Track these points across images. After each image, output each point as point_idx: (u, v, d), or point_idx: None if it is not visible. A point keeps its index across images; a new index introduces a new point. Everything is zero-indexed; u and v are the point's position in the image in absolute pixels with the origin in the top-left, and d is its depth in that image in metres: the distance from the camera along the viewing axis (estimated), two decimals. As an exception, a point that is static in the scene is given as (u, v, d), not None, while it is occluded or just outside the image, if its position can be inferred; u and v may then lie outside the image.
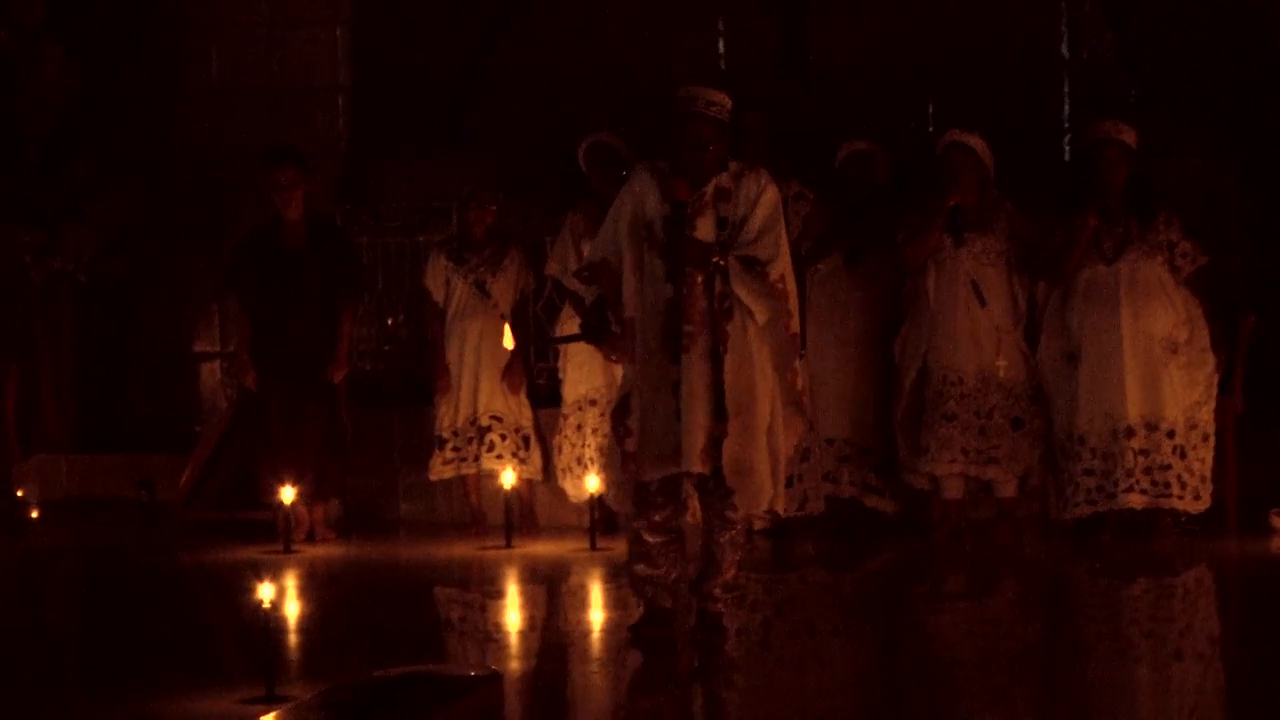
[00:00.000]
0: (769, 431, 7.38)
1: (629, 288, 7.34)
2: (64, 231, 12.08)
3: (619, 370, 7.97)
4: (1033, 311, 9.89)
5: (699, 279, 7.27)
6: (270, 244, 10.36)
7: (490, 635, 8.27)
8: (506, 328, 8.66)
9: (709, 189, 7.33)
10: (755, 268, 7.29)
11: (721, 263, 7.26)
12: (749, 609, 8.42)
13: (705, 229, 7.31)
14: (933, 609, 8.82)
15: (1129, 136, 9.63)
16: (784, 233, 7.41)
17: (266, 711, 6.03)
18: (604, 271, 7.41)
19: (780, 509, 7.67)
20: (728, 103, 7.34)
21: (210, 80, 12.77)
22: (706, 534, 7.52)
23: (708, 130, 7.29)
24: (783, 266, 7.36)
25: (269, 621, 6.73)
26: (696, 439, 7.24)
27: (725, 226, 7.31)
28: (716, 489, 7.35)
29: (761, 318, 7.32)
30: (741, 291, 7.28)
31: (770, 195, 7.35)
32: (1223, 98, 11.34)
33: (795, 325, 7.46)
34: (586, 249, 8.33)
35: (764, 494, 7.38)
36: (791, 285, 7.41)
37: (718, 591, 7.52)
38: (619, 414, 7.42)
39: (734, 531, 7.46)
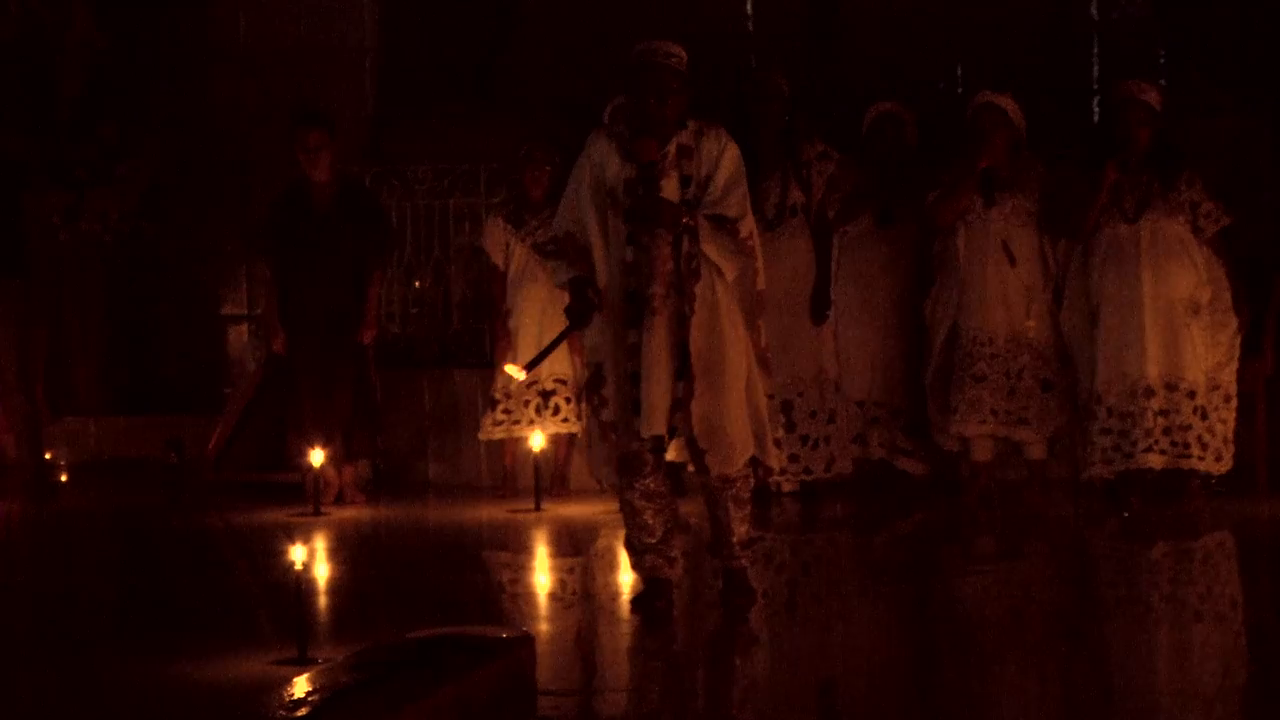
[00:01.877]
0: (748, 389, 7.33)
1: (598, 255, 7.28)
2: (92, 194, 12.09)
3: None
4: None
5: (667, 240, 7.23)
6: (298, 207, 10.36)
7: (520, 597, 8.29)
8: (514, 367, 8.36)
9: (671, 148, 7.26)
10: (726, 225, 7.23)
11: (691, 223, 7.22)
12: (775, 570, 8.43)
13: (670, 189, 7.23)
14: (962, 571, 8.81)
15: (1151, 96, 9.56)
16: (747, 189, 7.35)
17: (299, 673, 6.04)
18: (570, 244, 7.32)
19: (775, 465, 7.62)
20: (685, 55, 7.26)
21: (238, 42, 12.76)
22: (707, 496, 7.48)
23: (670, 80, 7.22)
24: (750, 223, 7.32)
25: (300, 583, 6.74)
26: (658, 402, 7.18)
27: (689, 185, 7.25)
28: (700, 451, 7.31)
29: (730, 275, 7.26)
30: (711, 250, 7.21)
31: (732, 152, 7.29)
32: (1253, 57, 11.28)
33: (761, 282, 7.42)
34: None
35: (736, 453, 7.29)
36: (757, 241, 7.36)
37: (736, 550, 7.47)
38: (592, 384, 7.34)
39: (733, 489, 7.39)
